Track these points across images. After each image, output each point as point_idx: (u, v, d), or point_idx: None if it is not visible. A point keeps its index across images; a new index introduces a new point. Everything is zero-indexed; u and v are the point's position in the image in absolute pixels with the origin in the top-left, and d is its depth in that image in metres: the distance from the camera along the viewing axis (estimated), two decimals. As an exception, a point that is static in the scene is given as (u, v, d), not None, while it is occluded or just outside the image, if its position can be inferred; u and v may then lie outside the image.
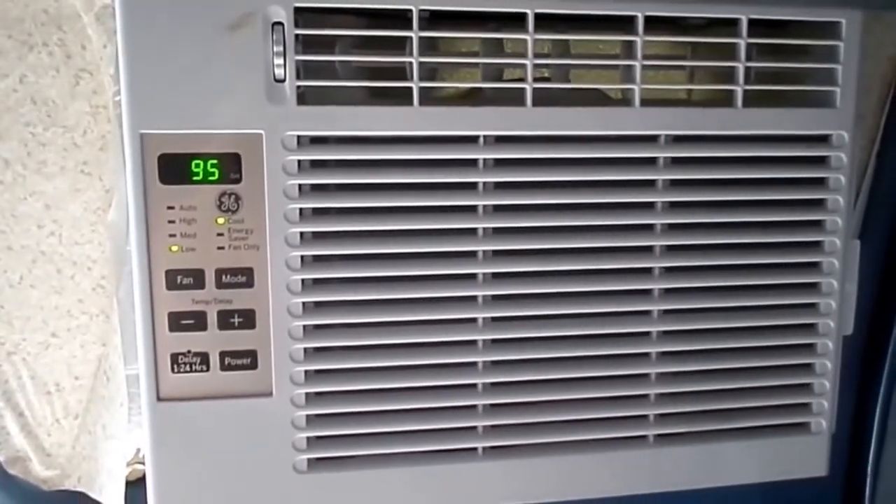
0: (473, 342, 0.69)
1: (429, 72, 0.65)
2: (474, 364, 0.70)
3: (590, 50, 0.74)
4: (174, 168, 0.61)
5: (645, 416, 0.73)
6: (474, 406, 0.70)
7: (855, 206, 0.85)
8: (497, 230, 0.68)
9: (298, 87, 0.63)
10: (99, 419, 0.83)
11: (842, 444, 0.85)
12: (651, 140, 0.68)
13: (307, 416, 0.66)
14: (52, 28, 0.73)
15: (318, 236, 0.65)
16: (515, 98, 0.66)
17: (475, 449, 0.70)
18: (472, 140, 0.66)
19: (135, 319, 0.69)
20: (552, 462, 0.72)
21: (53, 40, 0.74)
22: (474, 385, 0.70)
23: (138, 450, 0.86)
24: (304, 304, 0.65)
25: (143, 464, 0.78)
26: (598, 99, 0.71)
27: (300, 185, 0.64)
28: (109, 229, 0.78)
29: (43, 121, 0.75)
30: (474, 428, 0.70)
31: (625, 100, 0.69)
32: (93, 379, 0.82)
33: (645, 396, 0.73)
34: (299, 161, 0.63)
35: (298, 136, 0.63)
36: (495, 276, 0.68)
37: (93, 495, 0.84)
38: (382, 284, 0.66)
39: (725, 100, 0.69)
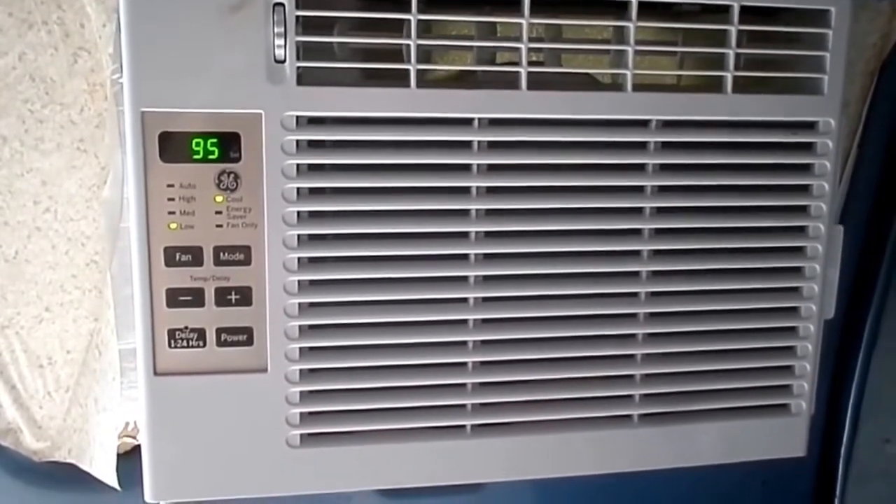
0: (464, 321, 0.70)
1: (423, 54, 0.66)
2: (464, 343, 0.71)
3: (578, 35, 0.75)
4: (174, 146, 0.62)
5: (630, 396, 0.74)
6: (463, 384, 0.71)
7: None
8: (490, 211, 0.69)
9: (298, 67, 0.63)
10: (90, 392, 0.84)
11: (817, 425, 0.87)
12: (642, 125, 0.70)
13: (301, 392, 0.67)
14: (51, 6, 0.73)
15: (315, 215, 0.65)
16: (509, 81, 0.67)
17: (464, 426, 0.71)
18: (467, 122, 0.67)
19: (128, 295, 0.70)
20: (539, 440, 0.73)
21: (53, 18, 0.74)
22: (464, 364, 0.71)
23: (128, 423, 0.86)
24: (299, 282, 0.66)
25: (134, 437, 0.84)
26: (588, 83, 0.72)
27: (298, 165, 0.64)
28: (104, 206, 0.78)
29: (41, 98, 0.75)
30: (463, 406, 0.71)
31: (615, 84, 0.70)
32: (84, 353, 0.83)
33: (631, 377, 0.74)
34: (297, 141, 0.63)
35: (297, 117, 0.63)
36: (487, 256, 0.69)
37: (83, 467, 0.85)
38: (376, 263, 0.67)
39: (715, 86, 0.70)
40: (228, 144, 0.62)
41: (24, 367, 0.82)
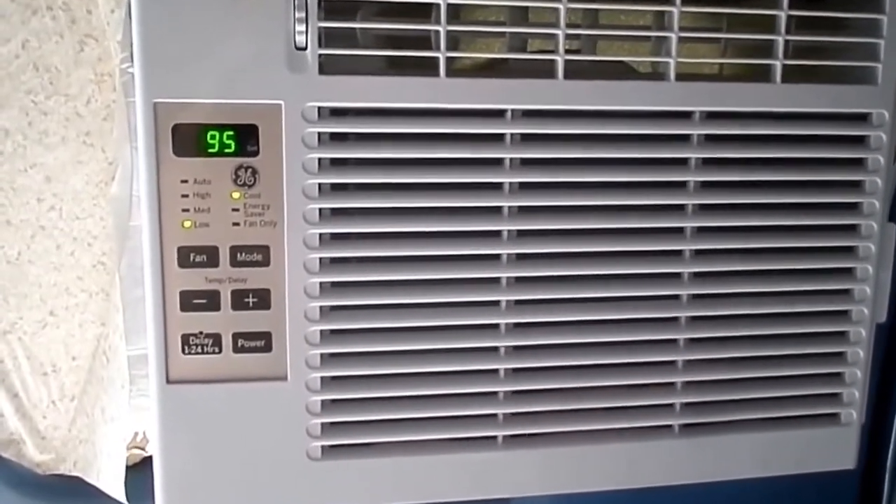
0: (496, 326, 0.69)
1: (451, 42, 0.64)
2: (496, 349, 0.69)
3: (612, 21, 0.74)
4: (189, 139, 0.60)
5: (670, 406, 0.72)
6: (495, 393, 0.69)
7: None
8: (522, 209, 0.67)
9: (320, 55, 0.62)
10: (97, 401, 0.83)
11: (862, 435, 0.85)
12: (684, 116, 0.68)
13: (322, 401, 0.65)
14: (56, -10, 0.71)
15: (338, 213, 0.64)
16: (544, 70, 0.65)
17: (495, 438, 0.69)
18: (499, 114, 0.65)
19: (137, 297, 0.70)
20: (574, 452, 0.72)
21: (58, 4, 0.73)
22: (496, 371, 0.69)
23: (136, 433, 0.86)
24: (321, 283, 0.64)
25: (143, 448, 0.83)
26: (623, 73, 0.71)
27: (320, 160, 0.63)
28: (112, 203, 0.76)
29: (45, 88, 0.74)
30: (494, 415, 0.69)
31: (655, 74, 0.68)
32: (91, 359, 0.82)
33: (671, 385, 0.72)
34: (319, 134, 0.62)
35: (319, 108, 0.61)
36: (519, 257, 0.68)
37: (90, 480, 0.84)
38: (402, 264, 0.66)
39: (761, 75, 0.68)
40: (246, 137, 0.61)
41: (28, 375, 0.81)
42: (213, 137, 0.61)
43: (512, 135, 0.65)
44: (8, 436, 0.82)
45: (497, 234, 0.67)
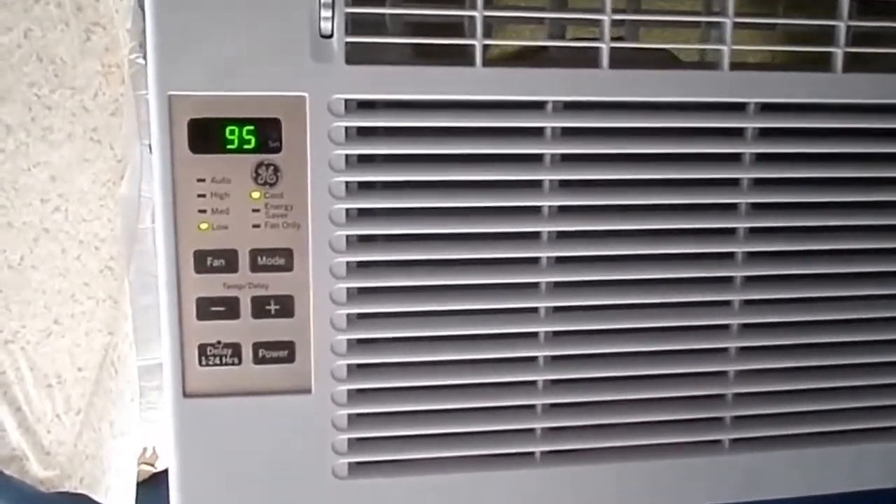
0: (534, 334, 0.66)
1: (484, 28, 0.61)
2: (534, 359, 0.66)
3: (652, 6, 0.70)
4: (206, 135, 0.58)
5: (720, 419, 0.69)
6: (532, 406, 0.67)
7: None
8: (563, 208, 0.64)
9: (347, 43, 0.59)
10: (105, 415, 0.81)
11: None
12: (738, 108, 0.64)
13: (349, 415, 0.63)
14: (61, -26, 0.69)
15: (365, 214, 0.61)
16: (584, 59, 0.63)
17: (532, 454, 0.67)
18: (539, 106, 0.62)
19: (146, 304, 0.73)
20: (617, 469, 0.69)
21: (63, -11, 0.69)
22: (534, 382, 0.67)
23: (146, 448, 0.85)
24: (348, 289, 0.61)
25: (152, 464, 0.83)
26: (667, 62, 0.68)
27: (347, 156, 0.60)
28: (120, 204, 0.75)
29: (49, 81, 0.72)
30: (532, 430, 0.66)
31: (703, 63, 0.66)
32: (98, 370, 0.80)
33: (721, 397, 0.69)
34: (346, 128, 0.59)
35: (346, 100, 0.59)
36: (559, 260, 0.65)
37: (97, 498, 0.82)
38: (434, 269, 0.63)
39: (819, 64, 0.65)
40: (267, 132, 0.59)
41: (31, 387, 0.79)
42: (231, 133, 0.58)
43: (552, 129, 0.63)
44: (10, 451, 0.80)
45: (536, 235, 0.64)
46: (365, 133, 0.61)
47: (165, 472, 0.77)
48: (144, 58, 0.66)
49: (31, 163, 0.74)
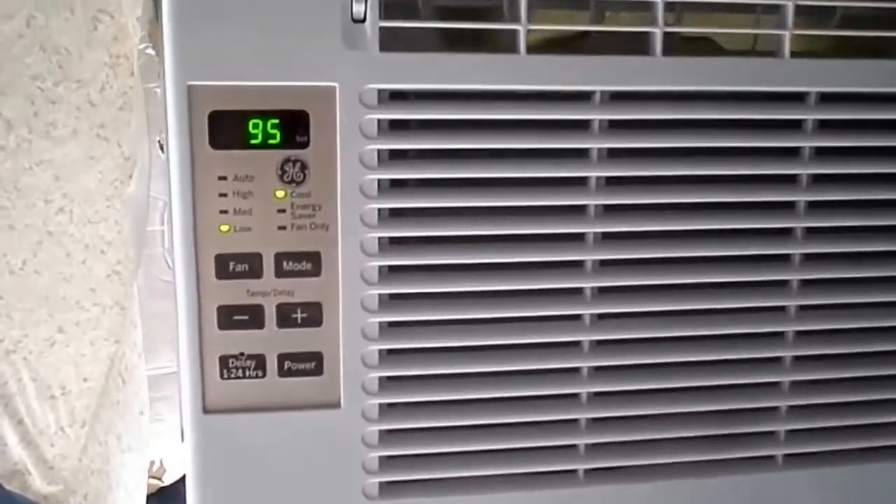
0: (577, 343, 0.63)
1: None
2: (577, 370, 0.63)
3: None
4: (227, 129, 0.55)
5: (773, 434, 0.67)
6: (575, 420, 0.64)
7: None
8: (610, 207, 0.61)
9: (381, 28, 0.56)
10: (112, 428, 0.80)
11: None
12: (796, 99, 0.61)
13: (380, 431, 0.61)
14: (66, -42, 0.68)
15: (399, 214, 0.59)
16: (638, 46, 0.60)
17: (575, 471, 0.64)
18: (585, 97, 0.59)
19: (155, 312, 0.74)
20: (665, 487, 0.66)
21: (68, -26, 0.68)
22: (577, 395, 0.64)
23: (153, 462, 0.84)
24: (380, 296, 0.59)
25: (159, 478, 0.83)
26: (711, 50, 0.65)
27: (379, 151, 0.57)
28: (128, 205, 0.74)
29: (53, 73, 0.71)
30: (575, 446, 0.64)
31: (757, 51, 0.63)
32: (104, 381, 0.79)
33: (774, 410, 0.66)
34: (379, 121, 0.56)
35: (379, 90, 0.56)
36: (604, 263, 0.62)
37: None
38: (474, 274, 0.60)
39: (884, 51, 0.62)
40: (294, 126, 0.56)
41: (33, 399, 0.78)
42: (255, 126, 0.56)
43: (599, 121, 0.60)
44: (12, 466, 0.79)
45: (580, 237, 0.61)
46: (397, 126, 0.58)
47: (173, 486, 0.79)
48: (154, 48, 0.65)
49: (34, 161, 0.72)
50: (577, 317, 0.62)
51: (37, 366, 0.77)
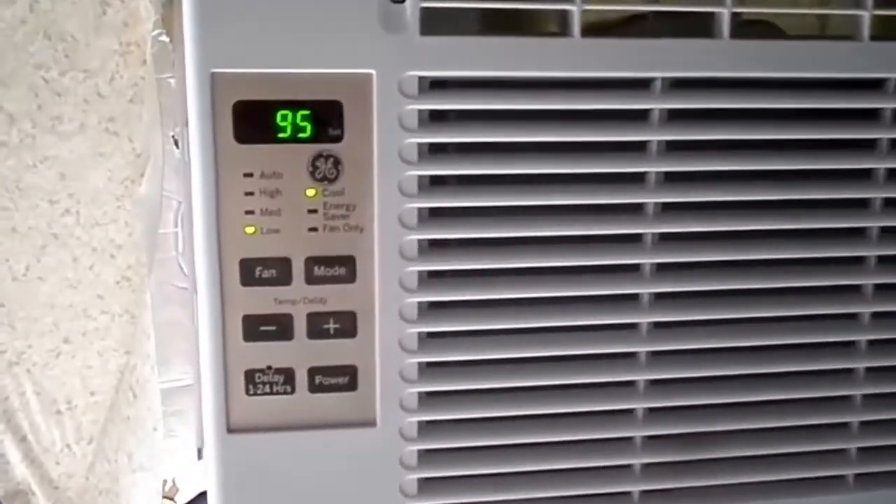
0: (633, 355, 0.60)
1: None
2: (632, 384, 0.60)
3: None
4: (254, 121, 0.52)
5: (844, 452, 0.64)
6: (630, 438, 0.61)
7: None
8: (669, 205, 0.58)
9: (422, 10, 0.52)
10: (122, 445, 0.78)
11: None
12: (875, 86, 0.58)
13: (420, 451, 0.58)
14: (71, -65, 0.67)
15: (439, 214, 0.56)
16: (702, 29, 0.56)
17: (629, 493, 0.61)
18: (644, 84, 0.56)
19: (168, 320, 0.71)
20: (727, 509, 0.62)
21: (74, -47, 0.66)
22: (631, 411, 0.61)
23: (164, 481, 0.81)
24: (419, 304, 0.56)
25: (171, 498, 0.80)
26: (772, 34, 0.61)
27: (420, 145, 0.54)
28: (139, 206, 0.71)
29: (58, 62, 0.68)
30: (629, 467, 0.61)
31: (823, 33, 0.61)
32: (114, 394, 0.77)
33: (844, 426, 0.63)
34: (420, 111, 0.53)
35: (421, 78, 0.52)
36: (662, 266, 0.59)
37: None
38: (522, 279, 0.57)
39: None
40: (326, 118, 0.53)
41: (37, 414, 0.76)
42: (284, 118, 0.53)
43: (660, 111, 0.56)
44: (14, 486, 0.77)
45: (638, 237, 0.58)
46: (436, 118, 0.55)
47: (187, 507, 0.72)
48: (168, 35, 0.63)
49: (38, 158, 0.69)
50: (633, 325, 0.60)
51: (41, 379, 0.75)
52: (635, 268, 0.58)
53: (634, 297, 0.59)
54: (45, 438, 0.77)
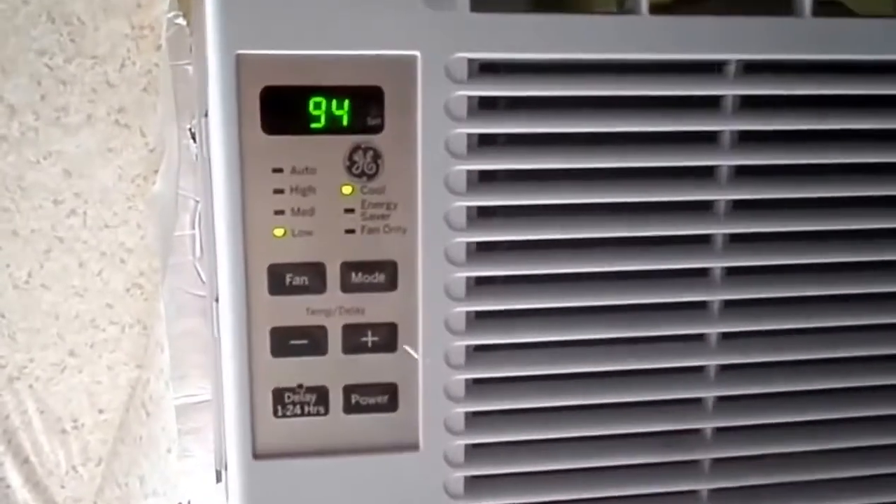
0: (700, 368, 0.57)
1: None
2: (699, 401, 0.57)
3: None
4: (284, 109, 0.49)
5: None
6: (697, 462, 0.58)
7: None
8: (741, 203, 0.55)
9: None
10: (133, 468, 0.76)
11: None
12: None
13: (467, 478, 0.55)
14: None
15: (488, 213, 0.53)
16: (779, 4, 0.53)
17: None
18: (715, 68, 0.53)
19: (183, 331, 0.69)
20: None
21: (80, -72, 0.66)
22: (699, 430, 0.58)
23: None
24: (467, 314, 0.53)
25: None
26: (841, 14, 0.59)
27: (469, 136, 0.51)
28: (153, 206, 0.70)
29: (64, 48, 0.67)
30: (695, 493, 0.58)
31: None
32: (124, 412, 0.76)
33: None
34: (469, 98, 0.50)
35: (470, 60, 0.49)
36: (732, 271, 0.56)
37: None
38: (580, 287, 0.54)
39: None
40: (365, 106, 0.50)
41: (41, 434, 0.75)
42: (317, 107, 0.50)
43: (733, 97, 0.53)
44: None
45: (706, 239, 0.55)
46: (486, 105, 0.52)
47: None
48: (185, 17, 0.61)
49: (41, 153, 0.68)
50: (700, 336, 0.57)
51: (45, 395, 0.74)
52: (705, 272, 0.55)
53: (703, 304, 0.56)
54: (50, 460, 0.76)
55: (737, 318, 0.56)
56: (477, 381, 0.55)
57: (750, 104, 0.53)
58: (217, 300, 0.52)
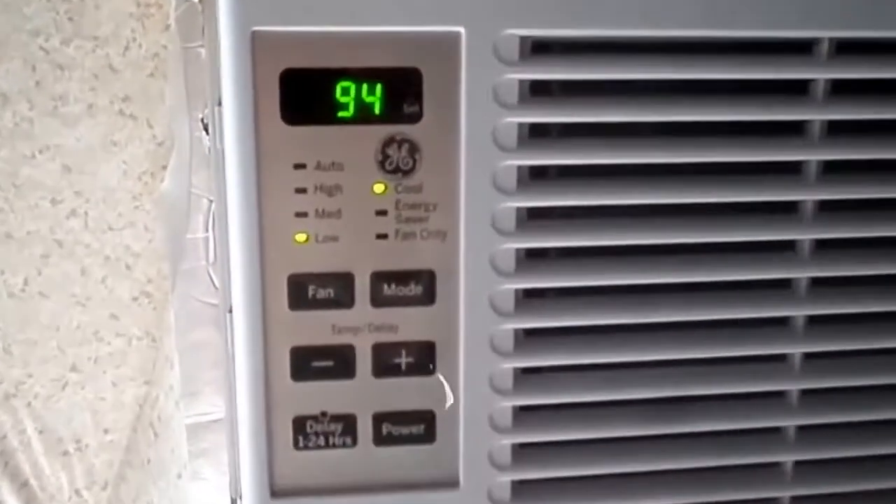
0: (780, 393, 0.53)
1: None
2: (779, 431, 0.54)
3: None
4: (307, 95, 0.46)
5: None
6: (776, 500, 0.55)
7: None
8: (828, 204, 0.51)
9: None
10: (141, 493, 0.73)
11: None
12: None
13: None
14: None
15: (540, 215, 0.49)
16: None
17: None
18: (804, 48, 0.48)
19: (194, 343, 0.67)
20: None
21: None
22: (778, 464, 0.55)
23: None
24: (515, 331, 0.50)
25: None
26: None
27: (520, 126, 0.47)
28: (161, 206, 0.67)
29: (61, 28, 0.63)
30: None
31: None
32: (131, 433, 0.72)
33: None
34: (520, 82, 0.46)
35: (522, 38, 0.46)
36: (817, 281, 0.52)
37: None
38: (642, 301, 0.50)
39: None
40: (400, 91, 0.47)
41: (41, 456, 0.72)
42: (346, 92, 0.47)
43: (824, 82, 0.49)
44: None
45: (790, 245, 0.52)
46: (538, 91, 0.48)
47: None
48: None
49: (37, 147, 0.65)
50: (781, 356, 0.54)
51: (44, 414, 0.72)
52: (787, 282, 0.52)
53: (785, 320, 0.53)
54: (51, 484, 0.73)
55: (823, 336, 0.53)
56: (524, 409, 0.52)
57: (842, 90, 0.50)
58: (231, 311, 0.50)
